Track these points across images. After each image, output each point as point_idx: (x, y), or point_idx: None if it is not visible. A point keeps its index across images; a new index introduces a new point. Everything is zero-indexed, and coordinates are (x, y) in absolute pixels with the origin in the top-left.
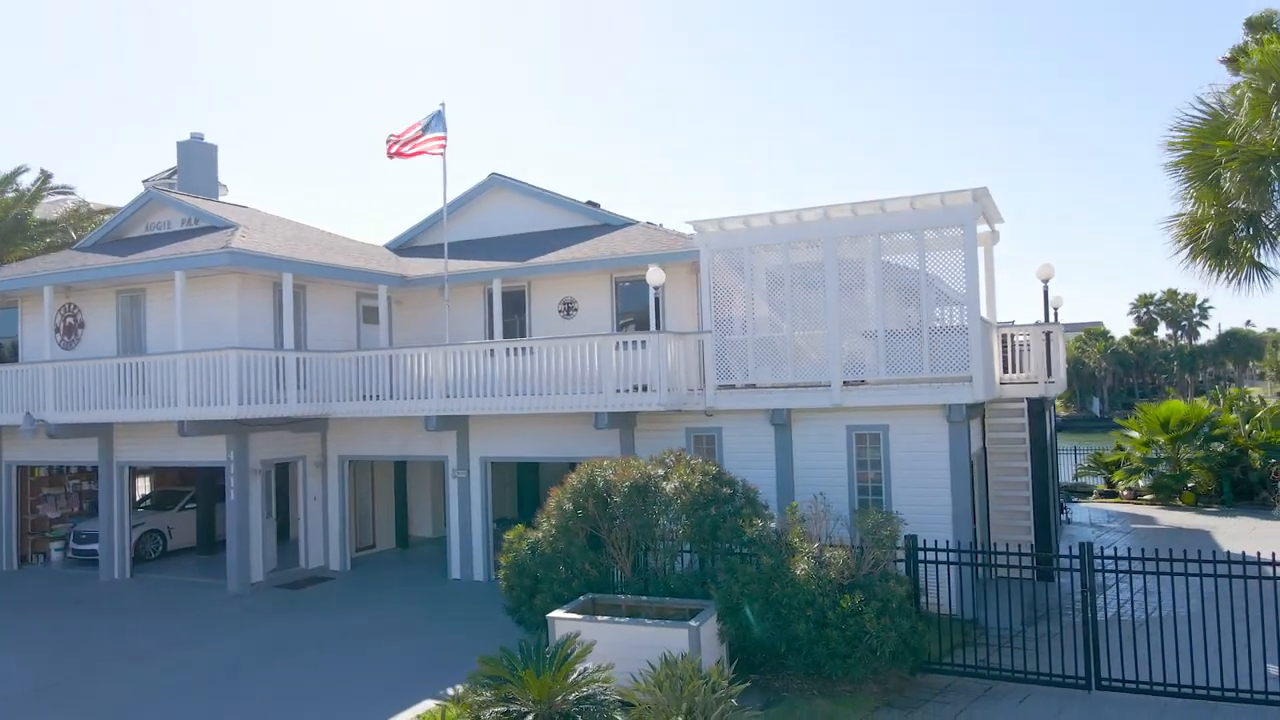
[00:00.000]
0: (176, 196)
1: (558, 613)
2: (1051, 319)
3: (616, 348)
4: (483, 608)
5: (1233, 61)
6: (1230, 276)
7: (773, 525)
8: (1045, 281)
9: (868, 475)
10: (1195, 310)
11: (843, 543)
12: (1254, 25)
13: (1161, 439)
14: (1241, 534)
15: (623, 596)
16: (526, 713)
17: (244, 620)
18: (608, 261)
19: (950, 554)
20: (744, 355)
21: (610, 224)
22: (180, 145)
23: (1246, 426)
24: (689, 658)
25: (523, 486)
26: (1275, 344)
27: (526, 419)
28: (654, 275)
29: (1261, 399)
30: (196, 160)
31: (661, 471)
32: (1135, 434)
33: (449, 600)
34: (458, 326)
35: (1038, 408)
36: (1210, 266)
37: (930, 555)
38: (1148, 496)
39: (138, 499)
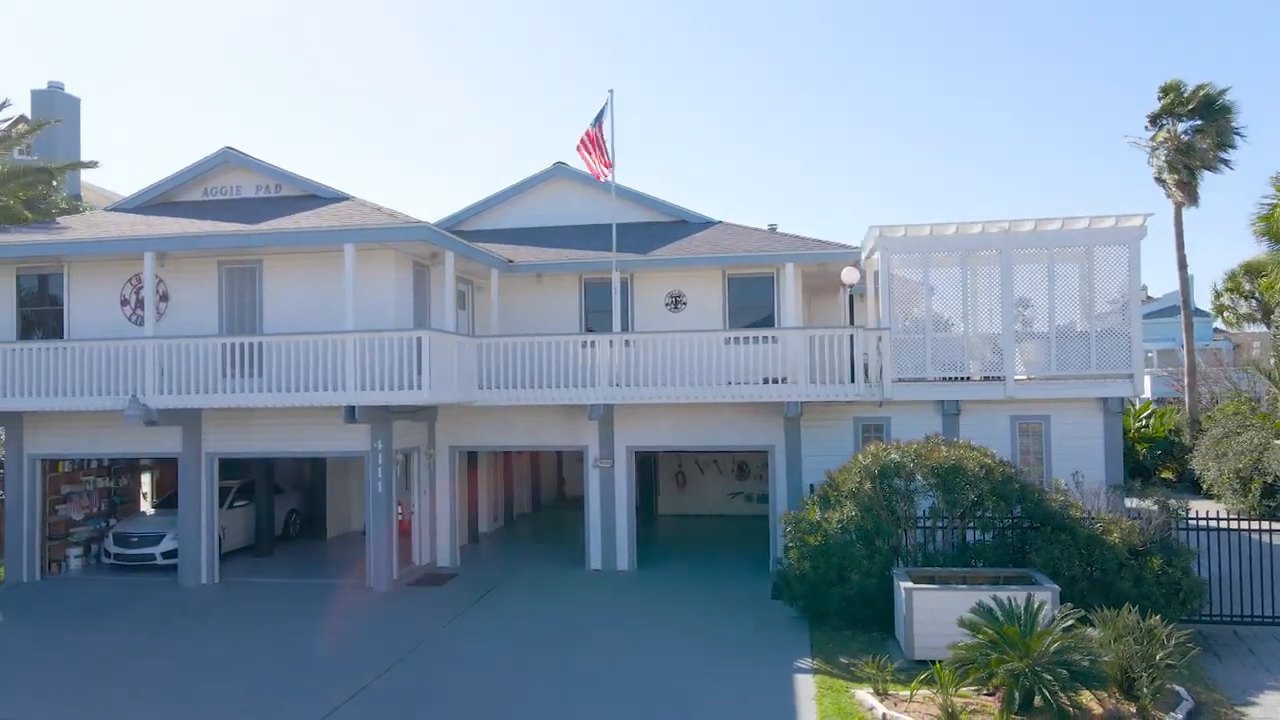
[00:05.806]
0: (258, 159)
1: (905, 584)
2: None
3: (810, 341)
4: (664, 593)
5: (1153, 120)
6: None
7: (1069, 499)
8: None
9: (1029, 460)
10: None
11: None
12: (1166, 90)
13: None
14: None
15: (932, 569)
16: (1023, 669)
17: (437, 618)
18: (726, 259)
19: (1213, 521)
20: (921, 351)
21: (688, 220)
22: (35, 94)
23: (1135, 424)
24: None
25: None
26: None
27: (676, 408)
28: (849, 275)
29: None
30: (58, 114)
31: (959, 453)
32: None
33: (624, 589)
34: (547, 315)
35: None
36: None
37: (1194, 524)
38: None
39: (158, 497)
